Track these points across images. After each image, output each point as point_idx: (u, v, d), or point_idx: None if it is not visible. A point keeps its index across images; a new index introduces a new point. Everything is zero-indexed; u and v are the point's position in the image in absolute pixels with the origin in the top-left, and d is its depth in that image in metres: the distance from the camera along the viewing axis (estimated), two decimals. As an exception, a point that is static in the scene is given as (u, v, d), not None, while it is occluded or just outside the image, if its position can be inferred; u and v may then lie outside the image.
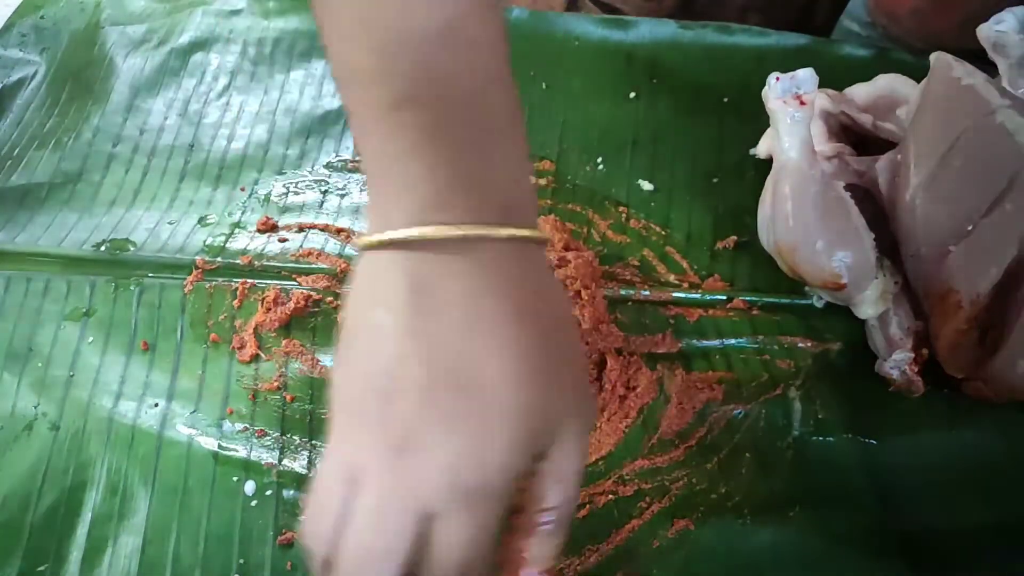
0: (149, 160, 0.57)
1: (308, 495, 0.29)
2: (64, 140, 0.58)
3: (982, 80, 0.43)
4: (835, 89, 0.54)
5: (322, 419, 0.44)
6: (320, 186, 0.55)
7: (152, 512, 0.40)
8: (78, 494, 0.41)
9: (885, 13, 0.69)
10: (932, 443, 0.44)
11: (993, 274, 0.40)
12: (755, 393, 0.46)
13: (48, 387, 0.44)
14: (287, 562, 0.39)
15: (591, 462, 0.43)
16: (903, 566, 0.40)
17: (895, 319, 0.46)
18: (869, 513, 0.42)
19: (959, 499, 0.43)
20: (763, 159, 0.56)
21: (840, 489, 0.42)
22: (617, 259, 0.52)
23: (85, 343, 0.46)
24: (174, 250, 0.51)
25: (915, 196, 0.44)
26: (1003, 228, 0.40)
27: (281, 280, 0.50)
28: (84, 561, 0.39)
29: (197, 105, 0.60)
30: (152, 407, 0.44)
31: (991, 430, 0.45)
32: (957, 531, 0.41)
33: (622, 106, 0.47)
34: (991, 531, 0.42)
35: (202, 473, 0.41)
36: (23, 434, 0.43)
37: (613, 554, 0.40)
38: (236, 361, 0.46)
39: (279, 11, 0.66)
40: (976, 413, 0.44)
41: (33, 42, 0.64)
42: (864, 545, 0.41)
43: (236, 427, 0.43)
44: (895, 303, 0.46)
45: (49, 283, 0.49)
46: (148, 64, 0.62)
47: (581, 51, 0.62)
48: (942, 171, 0.43)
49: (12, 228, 0.52)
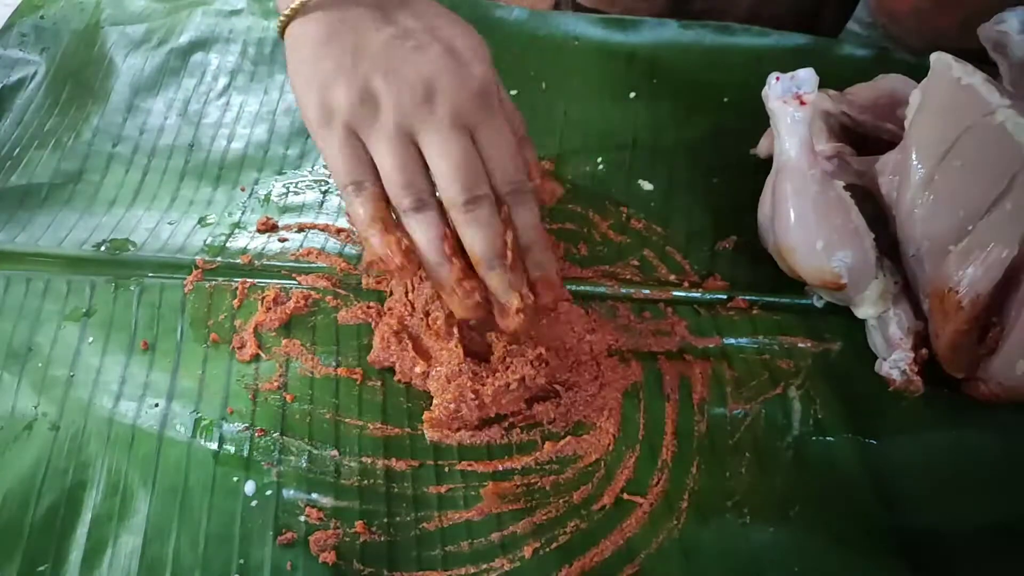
0: (149, 160, 0.57)
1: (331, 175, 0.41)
2: (64, 140, 0.58)
3: (981, 80, 0.43)
4: (836, 89, 0.54)
5: (322, 419, 0.44)
6: (320, 186, 0.55)
7: (152, 512, 0.40)
8: (78, 494, 0.41)
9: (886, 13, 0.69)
10: (932, 443, 0.44)
11: (993, 274, 0.40)
12: (755, 393, 0.46)
13: (48, 387, 0.44)
14: (287, 562, 0.38)
15: (591, 462, 0.43)
16: (903, 566, 0.40)
17: (895, 319, 0.46)
18: (869, 513, 0.42)
19: (959, 499, 0.43)
20: (763, 159, 0.56)
21: (840, 489, 0.42)
22: (617, 259, 0.52)
23: (85, 343, 0.46)
24: (174, 250, 0.51)
25: (915, 196, 0.44)
26: (1003, 228, 0.40)
27: (281, 280, 0.50)
28: (84, 561, 0.39)
29: (197, 105, 0.60)
30: (152, 407, 0.44)
31: (991, 430, 0.45)
32: (957, 531, 0.41)
33: (622, 106, 0.47)
34: (991, 531, 0.42)
35: (202, 473, 0.41)
36: (23, 434, 0.43)
37: (613, 554, 0.40)
38: (236, 361, 0.46)
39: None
40: (976, 413, 0.44)
41: (33, 42, 0.64)
42: (864, 545, 0.41)
43: (236, 427, 0.43)
44: (895, 303, 0.46)
45: (49, 283, 0.49)
46: (148, 64, 0.62)
47: (581, 51, 0.62)
48: (942, 171, 0.43)
49: (12, 228, 0.52)
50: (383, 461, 0.42)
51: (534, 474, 0.42)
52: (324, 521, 0.40)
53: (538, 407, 0.44)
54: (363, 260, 0.48)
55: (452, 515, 0.41)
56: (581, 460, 0.43)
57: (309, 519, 0.40)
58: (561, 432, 0.44)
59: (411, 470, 0.42)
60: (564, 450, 0.43)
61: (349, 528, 0.40)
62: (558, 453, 0.43)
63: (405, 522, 0.40)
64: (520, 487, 0.42)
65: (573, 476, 0.42)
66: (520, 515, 0.41)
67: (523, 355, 0.43)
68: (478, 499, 0.41)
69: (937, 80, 0.45)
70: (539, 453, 0.43)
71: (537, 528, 0.40)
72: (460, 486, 0.42)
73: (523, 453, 0.43)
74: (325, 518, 0.40)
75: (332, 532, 0.39)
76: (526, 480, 0.42)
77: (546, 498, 0.42)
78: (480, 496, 0.41)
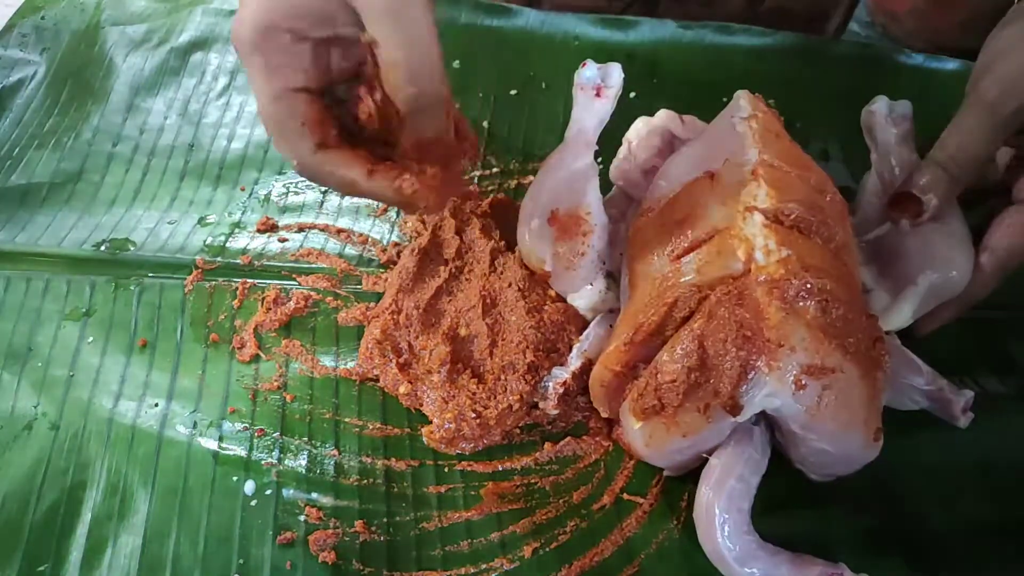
0: (149, 160, 0.57)
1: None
2: (64, 140, 0.58)
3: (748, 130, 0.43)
4: (836, 89, 0.54)
5: (322, 419, 0.44)
6: (320, 186, 0.55)
7: (152, 512, 0.40)
8: (78, 494, 0.41)
9: (885, 13, 0.69)
10: (932, 443, 0.44)
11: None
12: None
13: (48, 387, 0.45)
14: (287, 562, 0.39)
15: (591, 462, 0.43)
16: (903, 566, 0.40)
17: (587, 337, 0.44)
18: (869, 513, 0.42)
19: (959, 499, 0.43)
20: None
21: (840, 489, 0.42)
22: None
23: (85, 343, 0.46)
24: (174, 250, 0.51)
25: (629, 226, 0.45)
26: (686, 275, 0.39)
27: (281, 280, 0.50)
28: (84, 561, 0.39)
29: (197, 105, 0.60)
30: (152, 407, 0.44)
31: (991, 430, 0.45)
32: (957, 531, 0.41)
33: (622, 106, 0.47)
34: (992, 531, 0.42)
35: (202, 473, 0.41)
36: (23, 434, 0.43)
37: (613, 554, 0.40)
38: (236, 361, 0.46)
39: (279, 11, 0.66)
40: (977, 413, 0.44)
41: (33, 42, 0.64)
42: (864, 545, 0.41)
43: (236, 427, 0.43)
44: (599, 322, 0.45)
45: (49, 283, 0.49)
46: (148, 64, 0.62)
47: (581, 51, 0.62)
48: (662, 209, 0.43)
49: (12, 228, 0.52)
50: (383, 461, 0.42)
51: (534, 474, 0.42)
52: (324, 521, 0.40)
53: (537, 411, 0.44)
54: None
55: (452, 515, 0.41)
56: (581, 460, 0.43)
57: (309, 519, 0.40)
58: (561, 432, 0.44)
59: (411, 470, 0.42)
60: (564, 450, 0.43)
61: (349, 528, 0.40)
62: (558, 453, 0.43)
63: (405, 522, 0.40)
64: (520, 487, 0.42)
65: (573, 476, 0.42)
66: (520, 515, 0.41)
67: (515, 370, 0.43)
68: (478, 499, 0.41)
69: (727, 110, 0.45)
70: (539, 453, 0.43)
71: (537, 528, 0.40)
72: (460, 486, 0.42)
73: (523, 453, 0.43)
74: (325, 518, 0.40)
75: (332, 532, 0.39)
76: (526, 480, 0.42)
77: (546, 498, 0.42)
78: (480, 496, 0.41)
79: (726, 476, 0.37)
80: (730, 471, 0.37)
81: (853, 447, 0.37)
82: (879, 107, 0.48)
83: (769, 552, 0.37)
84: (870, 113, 0.49)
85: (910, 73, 0.63)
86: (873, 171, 0.47)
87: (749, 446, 0.38)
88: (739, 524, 0.37)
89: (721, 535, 0.36)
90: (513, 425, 0.43)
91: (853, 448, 0.37)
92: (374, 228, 0.53)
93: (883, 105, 0.48)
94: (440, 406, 0.42)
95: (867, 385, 0.36)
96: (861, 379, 0.36)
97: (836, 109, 0.56)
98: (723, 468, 0.38)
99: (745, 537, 0.37)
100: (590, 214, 0.44)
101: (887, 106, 0.48)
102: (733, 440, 0.38)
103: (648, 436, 0.39)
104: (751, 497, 0.37)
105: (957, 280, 0.42)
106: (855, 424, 0.36)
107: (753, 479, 0.38)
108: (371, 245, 0.52)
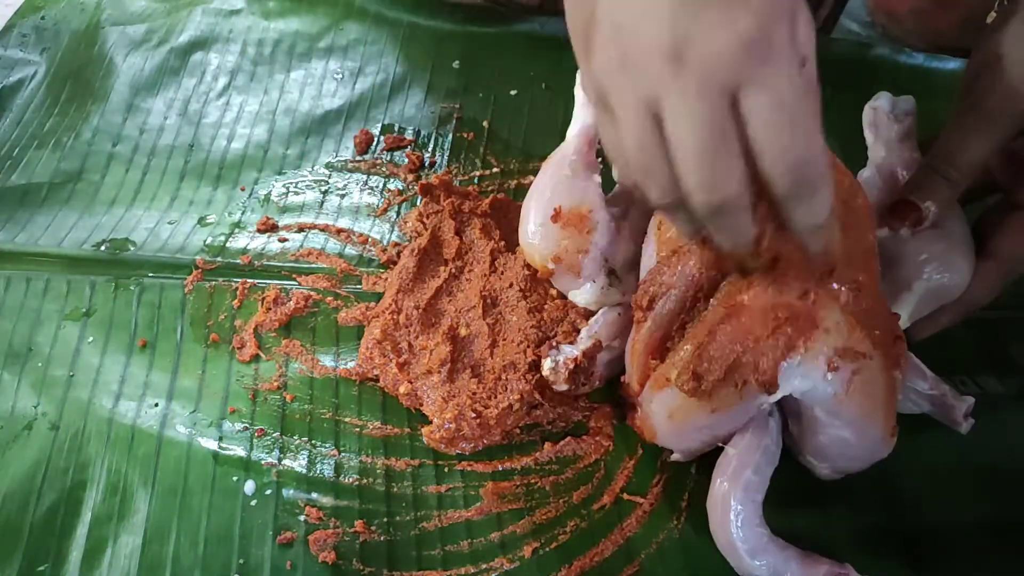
0: (149, 160, 0.57)
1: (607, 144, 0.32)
2: (64, 140, 0.58)
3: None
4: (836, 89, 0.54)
5: (322, 419, 0.44)
6: (320, 186, 0.55)
7: (152, 512, 0.40)
8: (78, 494, 0.41)
9: (885, 12, 0.69)
10: (933, 443, 0.44)
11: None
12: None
13: (48, 387, 0.45)
14: (287, 562, 0.38)
15: (591, 462, 0.43)
16: (903, 566, 0.40)
17: (597, 322, 0.44)
18: (869, 513, 0.42)
19: (960, 499, 0.43)
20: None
21: (840, 489, 0.42)
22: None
23: (85, 343, 0.46)
24: (174, 250, 0.51)
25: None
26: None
27: (281, 280, 0.50)
28: (84, 561, 0.39)
29: (197, 105, 0.60)
30: (152, 407, 0.44)
31: (991, 430, 0.45)
32: (958, 531, 0.41)
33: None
34: (992, 531, 0.42)
35: (202, 473, 0.41)
36: (23, 434, 0.43)
37: (613, 554, 0.40)
38: (236, 361, 0.46)
39: (279, 11, 0.66)
40: (977, 414, 0.44)
41: (33, 42, 0.64)
42: (864, 545, 0.41)
43: (236, 427, 0.43)
44: (607, 311, 0.45)
45: (49, 283, 0.49)
46: (148, 64, 0.62)
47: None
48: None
49: (12, 228, 0.52)
50: (383, 460, 0.42)
51: (534, 474, 0.42)
52: (324, 520, 0.40)
53: (537, 411, 0.44)
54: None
55: (452, 515, 0.41)
56: (581, 460, 0.43)
57: (309, 518, 0.40)
58: (561, 432, 0.44)
59: (411, 470, 0.42)
60: (564, 450, 0.43)
61: (349, 527, 0.40)
62: (558, 453, 0.43)
63: (405, 521, 0.40)
64: (520, 487, 0.42)
65: (573, 476, 0.42)
66: (520, 515, 0.41)
67: (516, 370, 0.43)
68: (478, 499, 0.41)
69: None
70: (539, 453, 0.43)
71: (537, 528, 0.40)
72: (460, 486, 0.42)
73: (523, 453, 0.43)
74: (325, 517, 0.40)
75: (332, 531, 0.39)
76: (526, 480, 0.42)
77: (546, 498, 0.42)
78: (480, 496, 0.41)
79: (743, 467, 0.37)
80: (747, 462, 0.38)
81: (873, 438, 0.38)
82: (882, 103, 0.48)
83: (779, 547, 0.37)
84: (873, 109, 0.48)
85: (910, 73, 0.63)
86: (870, 167, 0.47)
87: (767, 437, 0.38)
88: (752, 516, 0.37)
89: (735, 526, 0.37)
90: (513, 425, 0.43)
91: (873, 439, 0.38)
92: (374, 228, 0.53)
93: (886, 101, 0.48)
94: (440, 406, 0.42)
95: (889, 379, 0.37)
96: (884, 371, 0.36)
97: (835, 108, 0.56)
98: (740, 459, 0.38)
99: (757, 529, 0.37)
100: (592, 212, 0.44)
101: (890, 102, 0.48)
102: (751, 430, 0.38)
103: (674, 408, 0.38)
104: (765, 489, 0.38)
105: (956, 284, 0.42)
106: (877, 414, 0.37)
107: (768, 470, 0.38)
108: (371, 245, 0.52)
